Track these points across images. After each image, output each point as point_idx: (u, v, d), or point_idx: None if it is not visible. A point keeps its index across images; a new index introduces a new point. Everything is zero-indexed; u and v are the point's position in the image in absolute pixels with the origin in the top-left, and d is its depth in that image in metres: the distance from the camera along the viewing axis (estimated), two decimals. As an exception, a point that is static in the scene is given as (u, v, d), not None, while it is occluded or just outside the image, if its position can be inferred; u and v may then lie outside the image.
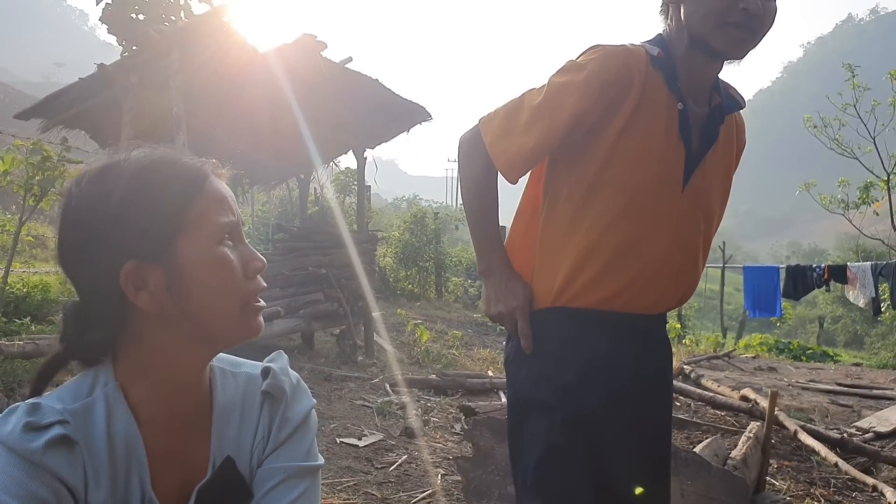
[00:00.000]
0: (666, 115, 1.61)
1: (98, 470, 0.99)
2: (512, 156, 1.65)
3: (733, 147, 1.78)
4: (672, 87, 1.62)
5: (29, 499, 0.91)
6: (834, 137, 14.25)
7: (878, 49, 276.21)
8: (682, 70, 1.63)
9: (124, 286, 1.00)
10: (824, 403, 7.08)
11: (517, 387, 1.77)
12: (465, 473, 3.66)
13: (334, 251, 8.26)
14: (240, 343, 1.09)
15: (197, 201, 1.02)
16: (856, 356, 19.34)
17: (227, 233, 1.04)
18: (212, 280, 1.01)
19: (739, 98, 1.75)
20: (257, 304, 1.08)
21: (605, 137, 1.61)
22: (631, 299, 1.67)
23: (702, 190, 1.68)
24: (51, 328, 6.91)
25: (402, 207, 45.78)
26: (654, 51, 1.63)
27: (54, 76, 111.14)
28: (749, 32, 1.55)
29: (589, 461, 1.62)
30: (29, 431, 0.94)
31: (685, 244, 1.70)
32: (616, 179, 1.61)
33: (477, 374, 7.41)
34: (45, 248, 19.49)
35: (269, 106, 7.56)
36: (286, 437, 1.16)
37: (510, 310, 1.72)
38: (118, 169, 1.03)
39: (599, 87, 1.57)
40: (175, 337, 1.04)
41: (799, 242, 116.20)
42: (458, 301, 17.04)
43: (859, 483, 4.36)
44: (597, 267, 1.64)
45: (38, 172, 6.74)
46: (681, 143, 1.63)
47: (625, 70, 1.58)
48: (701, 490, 3.23)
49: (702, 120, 1.67)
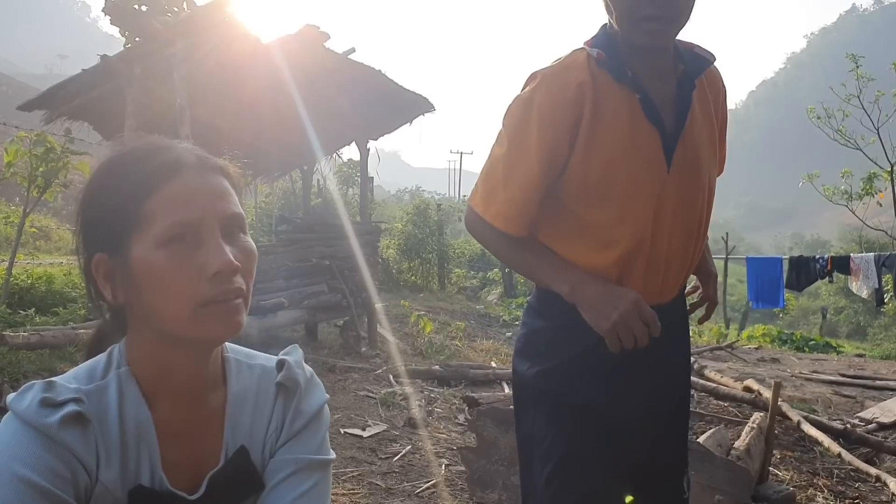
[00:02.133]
0: (626, 109, 1.60)
1: (109, 449, 1.00)
2: (506, 212, 1.66)
3: (710, 103, 1.75)
4: (622, 80, 1.60)
5: (48, 472, 0.93)
6: (837, 128, 14.21)
7: (882, 39, 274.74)
8: (632, 60, 1.61)
9: (95, 276, 1.05)
10: (827, 394, 7.08)
11: (524, 377, 1.78)
12: (469, 464, 3.68)
13: (337, 242, 8.26)
14: (211, 343, 1.07)
15: (152, 199, 1.00)
16: (859, 347, 19.29)
17: (180, 233, 0.99)
18: (152, 281, 0.99)
19: (706, 54, 1.71)
20: (225, 306, 1.01)
21: (577, 150, 1.61)
22: (644, 292, 1.66)
23: (689, 162, 1.66)
24: (55, 320, 6.93)
25: (404, 199, 45.76)
26: (593, 52, 1.61)
27: (57, 68, 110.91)
28: (664, 22, 1.52)
29: (605, 446, 1.63)
30: (45, 407, 0.96)
31: (685, 223, 1.69)
32: (600, 184, 1.61)
33: (480, 365, 7.43)
34: (48, 240, 19.53)
35: (272, 97, 7.55)
36: (299, 429, 1.17)
37: (624, 313, 1.51)
38: (100, 160, 1.08)
39: (552, 117, 1.58)
40: (149, 332, 1.05)
41: (802, 233, 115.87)
42: (461, 292, 17.06)
43: (862, 473, 4.37)
44: (614, 272, 1.65)
45: (41, 164, 6.75)
46: (652, 128, 1.61)
47: (569, 89, 1.58)
48: (704, 480, 3.24)
49: (671, 96, 1.65)
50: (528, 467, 1.76)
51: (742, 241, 75.50)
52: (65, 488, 0.94)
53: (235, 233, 1.05)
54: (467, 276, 18.60)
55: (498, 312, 13.46)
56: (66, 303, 7.62)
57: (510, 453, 3.45)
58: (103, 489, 0.99)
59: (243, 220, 1.08)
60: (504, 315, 12.94)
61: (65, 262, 12.84)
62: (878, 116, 13.72)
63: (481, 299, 16.42)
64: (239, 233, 1.06)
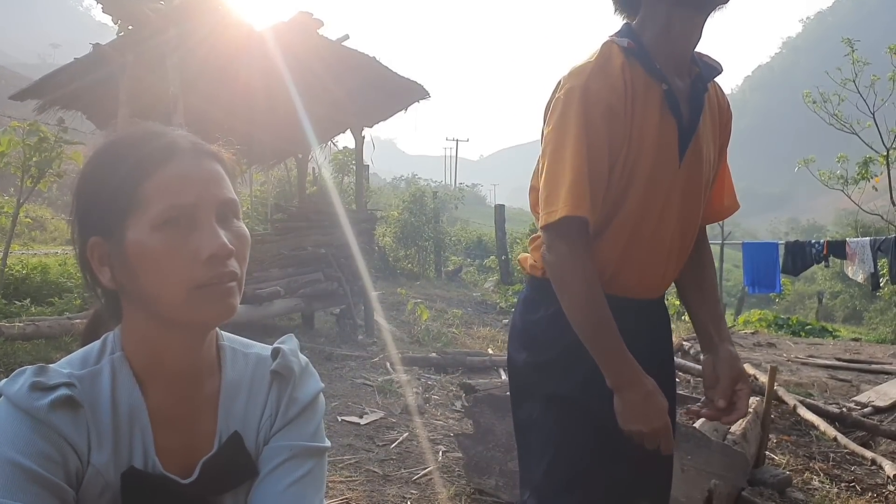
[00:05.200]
0: (656, 99, 1.61)
1: (101, 433, 1.01)
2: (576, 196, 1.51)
3: (717, 115, 1.77)
4: (652, 72, 1.60)
5: (38, 456, 0.94)
6: (833, 113, 14.17)
7: (877, 23, 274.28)
8: (659, 50, 1.62)
9: (90, 260, 1.05)
10: (823, 378, 7.11)
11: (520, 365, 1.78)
12: (466, 450, 3.68)
13: (333, 231, 8.25)
14: (205, 326, 1.08)
15: (148, 182, 1.00)
16: (854, 331, 19.38)
17: (175, 216, 0.99)
18: (147, 263, 0.99)
19: (715, 63, 1.72)
20: (220, 288, 1.01)
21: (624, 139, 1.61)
22: (638, 286, 1.69)
23: (697, 160, 1.67)
24: (50, 310, 6.92)
25: (400, 187, 45.72)
26: (623, 42, 1.61)
27: (50, 57, 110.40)
28: None
29: (600, 435, 1.63)
30: (35, 391, 0.97)
31: (687, 220, 1.71)
32: (622, 175, 1.60)
33: (477, 352, 7.44)
34: (43, 230, 19.50)
35: (266, 85, 7.51)
36: (294, 416, 1.17)
37: (652, 430, 1.55)
38: (95, 146, 1.08)
39: (609, 104, 1.55)
40: (144, 316, 1.05)
41: (798, 218, 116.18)
42: (459, 280, 17.07)
43: (858, 457, 4.39)
44: (612, 259, 1.65)
45: (35, 154, 6.72)
46: (672, 121, 1.62)
47: (618, 78, 1.57)
48: (701, 465, 3.24)
49: (686, 93, 1.66)
50: (527, 456, 1.77)
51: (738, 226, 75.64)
52: (55, 471, 0.95)
53: (229, 217, 1.06)
54: (463, 263, 18.60)
55: (495, 300, 13.46)
56: (62, 293, 7.61)
57: (507, 439, 3.45)
58: (95, 472, 1.00)
59: (237, 205, 1.08)
60: (501, 302, 12.95)
61: (60, 252, 12.82)
62: (874, 101, 13.68)
63: (478, 287, 16.40)
64: (233, 218, 1.07)
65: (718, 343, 1.72)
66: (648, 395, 1.55)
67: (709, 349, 1.74)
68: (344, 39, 7.74)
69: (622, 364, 1.56)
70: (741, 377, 1.67)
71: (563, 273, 1.57)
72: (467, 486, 3.67)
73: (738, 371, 1.67)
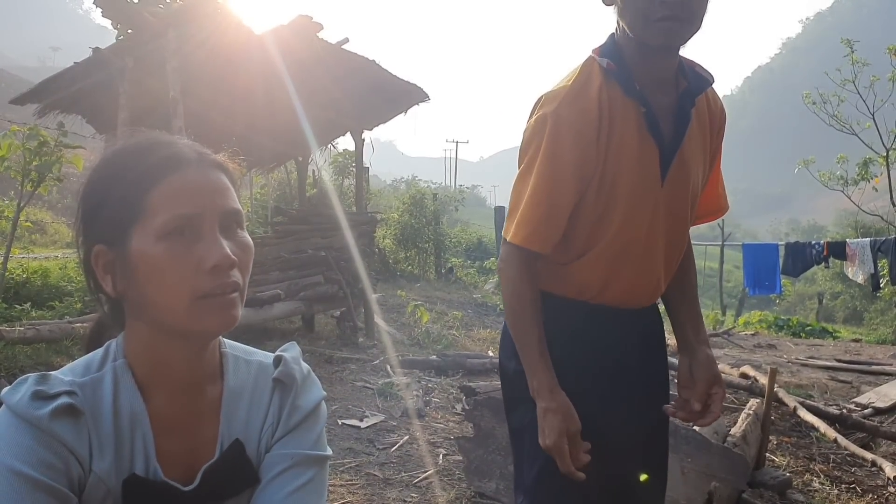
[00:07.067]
0: (635, 122, 1.61)
1: (103, 440, 1.02)
2: (542, 233, 1.61)
3: (706, 124, 1.75)
4: (631, 94, 1.60)
5: (40, 464, 0.95)
6: (833, 113, 14.20)
7: (877, 24, 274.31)
8: (639, 69, 1.61)
9: (94, 268, 1.06)
10: (823, 380, 7.11)
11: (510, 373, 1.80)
12: (467, 453, 3.68)
13: (333, 233, 8.25)
14: (207, 336, 1.08)
15: (153, 192, 1.01)
16: (855, 332, 19.36)
17: (180, 226, 1.01)
18: (151, 273, 1.01)
19: (706, 74, 1.70)
20: (221, 299, 1.02)
21: (598, 163, 1.62)
22: (627, 299, 1.72)
23: (681, 178, 1.68)
24: (51, 314, 6.92)
25: (400, 189, 45.67)
26: (603, 62, 1.61)
27: (50, 60, 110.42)
28: (678, 21, 1.50)
29: (590, 443, 1.63)
30: (36, 400, 0.98)
31: (675, 232, 1.72)
32: (599, 197, 1.62)
33: (477, 355, 7.43)
34: (44, 234, 19.51)
35: (266, 88, 7.51)
36: (295, 424, 1.18)
37: (545, 446, 1.60)
38: (100, 154, 1.10)
39: (581, 131, 1.57)
40: (146, 324, 1.06)
41: (798, 219, 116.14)
42: (457, 282, 17.05)
43: (858, 458, 4.39)
44: (601, 275, 1.67)
45: (35, 158, 6.72)
46: (652, 142, 1.62)
47: (592, 102, 1.58)
48: (701, 467, 3.25)
49: (671, 110, 1.65)
50: (520, 460, 1.79)
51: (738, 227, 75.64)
52: (58, 479, 0.96)
53: (233, 228, 1.07)
54: (454, 264, 18.58)
55: (495, 301, 13.46)
56: (62, 297, 7.61)
57: (507, 443, 3.45)
58: (97, 479, 1.01)
59: (241, 215, 1.09)
60: (500, 304, 12.93)
61: (60, 255, 12.82)
62: (874, 101, 13.70)
63: (479, 289, 16.39)
64: (237, 228, 1.08)
65: (696, 345, 1.75)
66: (548, 411, 1.60)
67: (686, 351, 1.77)
68: (344, 42, 7.74)
69: (534, 375, 1.63)
70: (717, 381, 1.70)
71: (508, 283, 1.68)
72: (468, 490, 3.67)
73: (714, 374, 1.70)
